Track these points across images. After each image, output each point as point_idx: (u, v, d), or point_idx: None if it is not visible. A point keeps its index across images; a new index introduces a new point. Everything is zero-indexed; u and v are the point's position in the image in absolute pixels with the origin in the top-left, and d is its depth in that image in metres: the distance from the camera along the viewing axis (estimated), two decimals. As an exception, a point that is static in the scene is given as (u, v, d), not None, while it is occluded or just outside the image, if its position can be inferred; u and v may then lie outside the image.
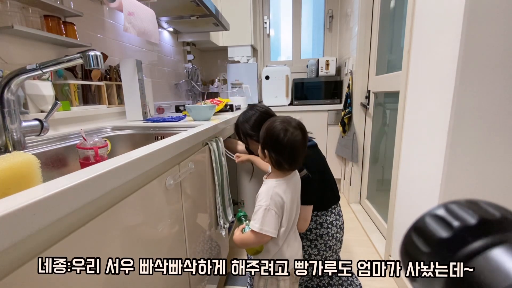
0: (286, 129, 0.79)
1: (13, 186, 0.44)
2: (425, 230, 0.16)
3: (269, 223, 0.77)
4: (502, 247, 0.13)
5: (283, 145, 0.79)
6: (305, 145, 0.83)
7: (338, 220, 1.13)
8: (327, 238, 1.10)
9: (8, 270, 0.30)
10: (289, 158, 0.80)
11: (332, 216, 1.12)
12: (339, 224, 1.13)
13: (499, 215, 0.14)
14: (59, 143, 0.87)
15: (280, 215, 0.80)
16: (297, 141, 0.79)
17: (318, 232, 1.10)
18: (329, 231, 1.10)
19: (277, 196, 0.79)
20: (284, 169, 0.83)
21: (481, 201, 0.15)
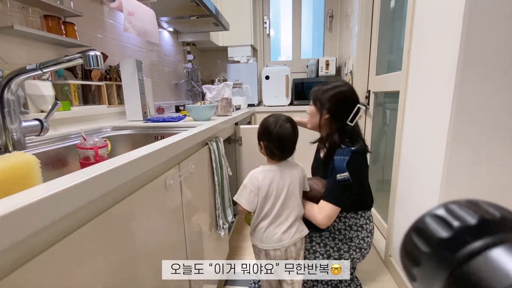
0: (277, 122, 0.97)
1: (13, 186, 0.44)
2: (425, 230, 0.16)
3: (242, 196, 0.96)
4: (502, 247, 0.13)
5: (273, 134, 0.95)
6: (294, 135, 0.98)
7: (368, 224, 1.12)
8: (358, 241, 1.09)
9: (8, 270, 0.30)
10: (279, 145, 0.96)
11: (361, 219, 1.11)
12: (369, 228, 1.12)
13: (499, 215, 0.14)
14: (59, 143, 0.87)
15: (256, 193, 0.95)
16: (285, 130, 0.95)
17: (347, 234, 1.10)
18: (359, 234, 1.10)
19: (255, 178, 0.96)
20: (275, 157, 0.98)
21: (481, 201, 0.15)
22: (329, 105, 1.07)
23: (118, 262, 0.50)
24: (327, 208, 0.99)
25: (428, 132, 1.03)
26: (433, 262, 0.15)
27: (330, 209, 0.99)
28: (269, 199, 0.96)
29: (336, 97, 1.07)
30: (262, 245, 0.97)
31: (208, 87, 1.60)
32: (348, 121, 1.06)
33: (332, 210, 0.99)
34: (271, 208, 0.96)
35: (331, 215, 0.99)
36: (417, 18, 1.12)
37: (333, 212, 0.99)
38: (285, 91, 2.46)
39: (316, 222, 1.01)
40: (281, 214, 0.96)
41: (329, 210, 0.99)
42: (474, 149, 0.88)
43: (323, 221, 0.99)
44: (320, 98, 1.10)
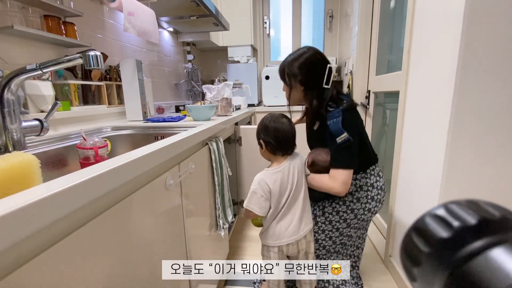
0: (272, 117, 0.99)
1: (13, 186, 0.44)
2: (425, 230, 0.16)
3: (253, 203, 0.95)
4: (502, 247, 0.13)
5: (270, 128, 0.96)
6: (291, 129, 0.98)
7: (379, 181, 1.10)
8: (366, 200, 1.07)
9: (8, 270, 0.30)
10: (277, 139, 0.96)
11: (372, 178, 1.09)
12: (379, 185, 1.09)
13: (499, 215, 0.14)
14: (59, 143, 0.87)
15: (267, 197, 0.95)
16: (283, 124, 0.96)
17: (356, 194, 1.08)
18: (369, 193, 1.07)
19: (264, 183, 0.95)
20: (277, 154, 0.98)
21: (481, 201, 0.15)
22: (300, 77, 1.04)
23: (118, 262, 0.50)
24: (340, 174, 0.97)
25: (428, 132, 1.03)
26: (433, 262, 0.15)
27: (343, 175, 0.97)
28: (282, 199, 0.96)
29: (304, 66, 1.04)
30: (275, 242, 0.97)
31: (208, 87, 1.60)
32: (324, 85, 1.03)
33: (345, 174, 0.97)
34: (282, 206, 0.96)
35: (346, 180, 0.97)
36: (417, 18, 1.12)
37: (347, 177, 0.97)
38: (285, 91, 2.46)
39: (334, 191, 0.98)
40: (290, 208, 0.97)
41: (342, 176, 0.97)
42: (474, 149, 0.88)
43: (340, 189, 0.97)
44: (288, 73, 1.07)
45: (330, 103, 1.03)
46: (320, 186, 1.01)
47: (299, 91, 1.09)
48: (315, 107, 1.05)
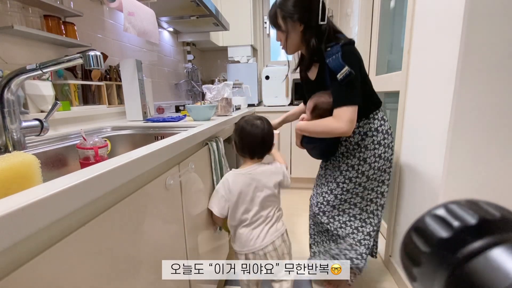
0: (247, 119, 1.00)
1: (13, 186, 0.44)
2: (425, 230, 0.16)
3: (214, 202, 0.97)
4: (502, 247, 0.13)
5: (239, 130, 0.99)
6: (262, 135, 0.98)
7: (383, 125, 1.03)
8: (373, 146, 1.02)
9: (8, 270, 0.30)
10: (243, 143, 0.98)
11: (376, 122, 1.02)
12: (385, 129, 1.03)
13: (499, 215, 0.14)
14: (59, 143, 0.87)
15: (228, 198, 0.95)
16: (254, 128, 0.97)
17: (363, 143, 1.02)
18: (374, 138, 1.02)
19: (226, 181, 0.95)
20: (246, 156, 1.00)
21: (481, 201, 0.15)
22: (297, 15, 0.97)
23: (118, 262, 0.50)
24: (344, 112, 0.90)
25: (428, 132, 1.03)
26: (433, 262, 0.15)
27: (347, 112, 0.90)
28: (242, 203, 0.93)
29: (298, 2, 0.97)
30: (242, 250, 0.95)
31: (208, 87, 1.60)
32: (320, 21, 0.97)
33: (350, 111, 0.90)
34: (245, 211, 0.94)
35: (351, 118, 0.90)
36: (417, 18, 1.12)
37: (352, 114, 0.90)
38: (285, 91, 2.46)
39: (340, 132, 0.91)
40: (258, 217, 0.94)
41: (347, 114, 0.90)
42: (474, 149, 0.88)
43: (346, 127, 0.90)
44: (283, 15, 0.98)
45: (328, 42, 0.97)
46: (324, 129, 0.96)
47: (297, 33, 1.00)
48: (314, 46, 0.99)
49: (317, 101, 1.01)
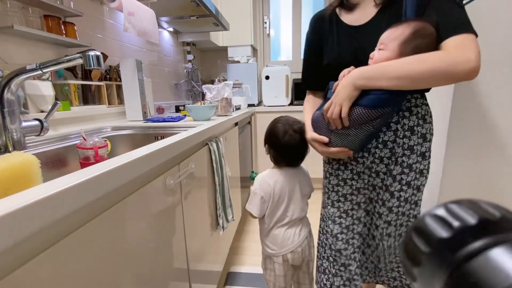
0: (286, 131, 0.90)
1: (13, 186, 0.44)
2: (425, 230, 0.16)
3: (252, 203, 0.94)
4: (502, 247, 0.13)
5: (280, 144, 0.91)
6: (302, 147, 0.91)
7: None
8: (429, 156, 0.74)
9: (8, 270, 0.30)
10: (285, 156, 0.93)
11: (427, 104, 0.74)
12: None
13: (499, 215, 0.14)
14: (59, 143, 0.87)
15: (267, 199, 0.92)
16: (294, 142, 0.90)
17: (421, 130, 0.71)
18: (431, 126, 0.74)
19: (265, 183, 0.93)
20: (281, 165, 0.96)
21: (481, 201, 0.15)
22: None
23: (118, 262, 0.50)
24: (471, 42, 0.57)
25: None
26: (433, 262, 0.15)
27: (474, 43, 0.57)
28: (282, 203, 0.93)
29: None
30: (280, 251, 0.94)
31: (208, 87, 1.60)
32: None
33: (475, 41, 0.58)
34: (285, 211, 0.93)
35: (479, 51, 0.57)
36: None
37: (478, 48, 0.57)
38: (285, 91, 2.46)
39: (470, 66, 0.55)
40: (293, 216, 0.94)
41: (474, 44, 0.57)
42: (474, 149, 0.88)
43: (477, 61, 0.55)
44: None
45: None
46: (437, 64, 0.56)
47: None
48: None
49: (421, 27, 0.60)
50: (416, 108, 0.70)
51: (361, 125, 0.65)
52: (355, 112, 0.63)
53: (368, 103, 0.62)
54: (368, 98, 0.62)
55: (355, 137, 0.67)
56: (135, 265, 0.55)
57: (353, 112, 0.63)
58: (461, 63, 0.55)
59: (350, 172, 0.79)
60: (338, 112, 0.64)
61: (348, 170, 0.79)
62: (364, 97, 0.63)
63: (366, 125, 0.65)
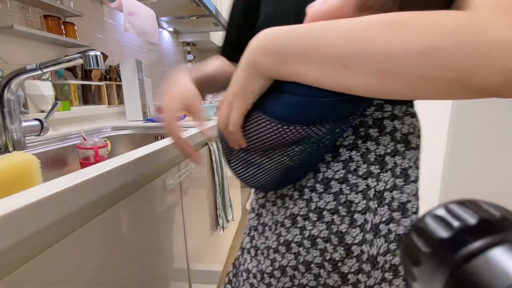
0: None
1: (13, 186, 0.44)
2: (425, 230, 0.16)
3: None
4: (502, 247, 0.13)
5: None
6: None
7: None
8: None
9: (8, 270, 0.30)
10: None
11: (415, 118, 0.43)
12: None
13: (499, 215, 0.14)
14: (59, 143, 0.87)
15: None
16: None
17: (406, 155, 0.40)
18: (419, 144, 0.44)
19: None
20: None
21: (481, 201, 0.15)
22: None
23: (118, 262, 0.50)
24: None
25: (428, 133, 1.03)
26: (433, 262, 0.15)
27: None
28: None
29: None
30: None
31: (208, 87, 1.59)
32: None
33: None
34: None
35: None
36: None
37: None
38: (285, 91, 2.46)
39: (500, 37, 0.19)
40: None
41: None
42: (474, 149, 0.88)
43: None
44: None
45: None
46: (458, 45, 0.20)
47: None
48: None
49: None
50: (392, 121, 0.38)
51: (266, 150, 0.34)
52: (253, 124, 0.33)
53: (277, 112, 0.31)
54: (280, 101, 0.31)
55: (261, 170, 0.37)
56: (135, 265, 0.55)
57: (251, 123, 0.33)
58: (506, 47, 0.20)
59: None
60: (226, 118, 0.34)
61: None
62: (273, 97, 0.31)
63: (276, 153, 0.34)
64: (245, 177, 0.38)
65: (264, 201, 0.45)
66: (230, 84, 0.33)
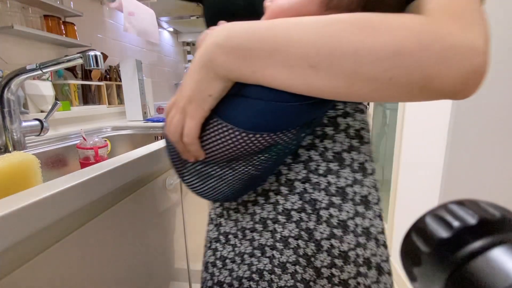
0: None
1: (13, 186, 0.44)
2: (425, 230, 0.16)
3: None
4: (502, 247, 0.13)
5: None
6: None
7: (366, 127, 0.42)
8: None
9: (8, 270, 0.30)
10: None
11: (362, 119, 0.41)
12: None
13: (499, 215, 0.14)
14: (59, 143, 0.87)
15: None
16: None
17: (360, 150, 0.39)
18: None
19: None
20: None
21: (481, 201, 0.15)
22: None
23: (118, 261, 0.50)
24: (473, 2, 0.22)
25: (428, 132, 1.03)
26: (433, 262, 0.15)
27: (478, 3, 0.23)
28: None
29: None
30: None
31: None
32: None
33: (480, 5, 0.23)
34: None
35: (487, 23, 0.23)
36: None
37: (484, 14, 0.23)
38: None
39: (468, 64, 0.21)
40: None
41: (480, 9, 0.23)
42: (474, 149, 0.88)
43: (485, 46, 0.21)
44: None
45: None
46: (416, 46, 0.21)
47: None
48: None
49: None
50: (345, 118, 0.38)
51: (228, 161, 0.32)
52: (212, 134, 0.29)
53: (241, 119, 0.28)
54: (244, 106, 0.28)
55: (222, 182, 0.34)
56: (136, 264, 0.55)
57: (210, 132, 0.29)
58: (464, 52, 0.21)
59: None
60: (179, 127, 0.30)
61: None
62: (234, 102, 0.28)
63: (239, 163, 0.32)
64: (203, 191, 0.36)
65: (221, 210, 0.44)
66: (181, 86, 0.30)
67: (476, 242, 0.14)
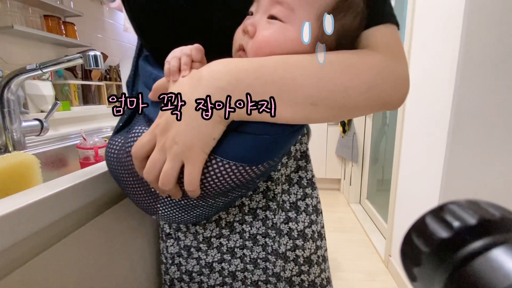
0: None
1: (13, 186, 0.44)
2: (425, 230, 0.16)
3: None
4: (502, 247, 0.13)
5: None
6: None
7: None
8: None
9: (8, 270, 0.30)
10: None
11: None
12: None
13: (499, 215, 0.14)
14: (59, 143, 0.87)
15: None
16: None
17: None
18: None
19: None
20: None
21: (481, 201, 0.15)
22: None
23: (119, 261, 0.50)
24: (399, 38, 0.35)
25: (428, 132, 1.03)
26: (433, 262, 0.15)
27: (399, 43, 0.34)
28: None
29: None
30: None
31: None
32: None
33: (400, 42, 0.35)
34: None
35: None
36: (417, 18, 1.12)
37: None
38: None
39: (406, 89, 0.32)
40: None
41: (399, 45, 0.34)
42: (474, 149, 0.88)
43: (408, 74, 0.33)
44: None
45: None
46: (380, 81, 0.30)
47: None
48: None
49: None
50: (294, 146, 0.44)
51: (226, 193, 0.32)
52: (213, 171, 0.28)
53: (243, 154, 0.29)
54: (244, 142, 0.29)
55: (211, 208, 0.35)
56: (136, 265, 0.55)
57: (211, 170, 0.28)
58: (403, 81, 0.31)
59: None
60: (174, 176, 0.28)
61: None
62: (232, 138, 0.28)
63: (237, 190, 0.32)
64: (185, 220, 0.36)
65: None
66: (165, 127, 0.27)
67: (476, 242, 0.14)
